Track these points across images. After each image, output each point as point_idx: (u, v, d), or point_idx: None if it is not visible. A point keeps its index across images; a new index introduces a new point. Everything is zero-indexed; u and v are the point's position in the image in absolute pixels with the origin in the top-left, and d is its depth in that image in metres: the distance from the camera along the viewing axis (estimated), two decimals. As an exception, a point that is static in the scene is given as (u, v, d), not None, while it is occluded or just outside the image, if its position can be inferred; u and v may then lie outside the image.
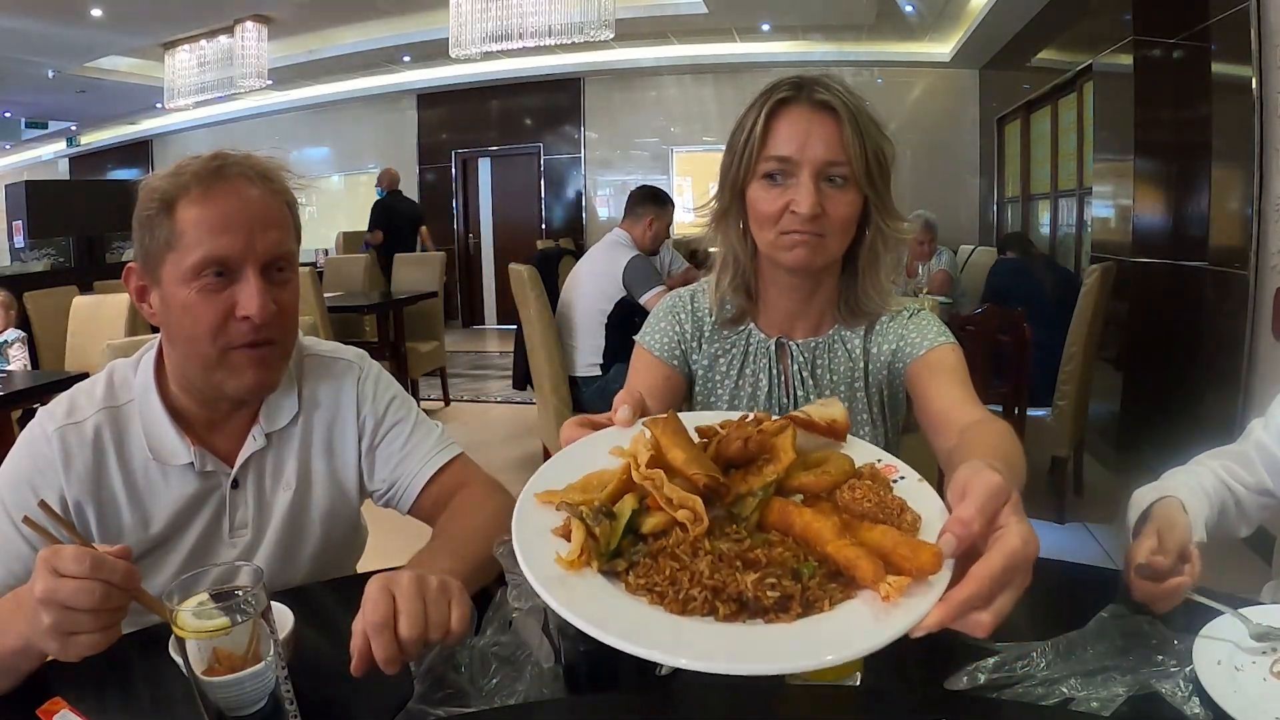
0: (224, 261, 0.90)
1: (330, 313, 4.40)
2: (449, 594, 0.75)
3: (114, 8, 6.20)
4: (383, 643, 0.69)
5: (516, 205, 9.30)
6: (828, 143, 0.99)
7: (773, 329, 1.14)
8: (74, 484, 0.94)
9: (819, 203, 0.98)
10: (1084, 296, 3.07)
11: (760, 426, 0.63)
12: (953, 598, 0.52)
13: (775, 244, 1.03)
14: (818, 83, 1.01)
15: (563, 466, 0.65)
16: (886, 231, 1.05)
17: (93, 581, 0.68)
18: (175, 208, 0.90)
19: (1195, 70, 3.28)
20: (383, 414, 1.10)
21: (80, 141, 11.31)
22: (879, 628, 0.50)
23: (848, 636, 0.50)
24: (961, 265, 5.05)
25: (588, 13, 5.71)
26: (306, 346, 1.10)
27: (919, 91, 7.94)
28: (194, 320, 0.92)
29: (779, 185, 1.01)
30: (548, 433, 3.22)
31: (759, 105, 1.02)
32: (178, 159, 0.95)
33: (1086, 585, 0.97)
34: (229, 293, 0.91)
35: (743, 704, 0.74)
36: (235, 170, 0.93)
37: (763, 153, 1.02)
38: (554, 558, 0.55)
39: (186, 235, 0.90)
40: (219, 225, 0.90)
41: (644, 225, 3.35)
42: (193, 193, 0.90)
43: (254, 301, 0.91)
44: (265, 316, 0.91)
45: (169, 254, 0.91)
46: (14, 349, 3.54)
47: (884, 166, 1.02)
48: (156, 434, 0.98)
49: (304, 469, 1.06)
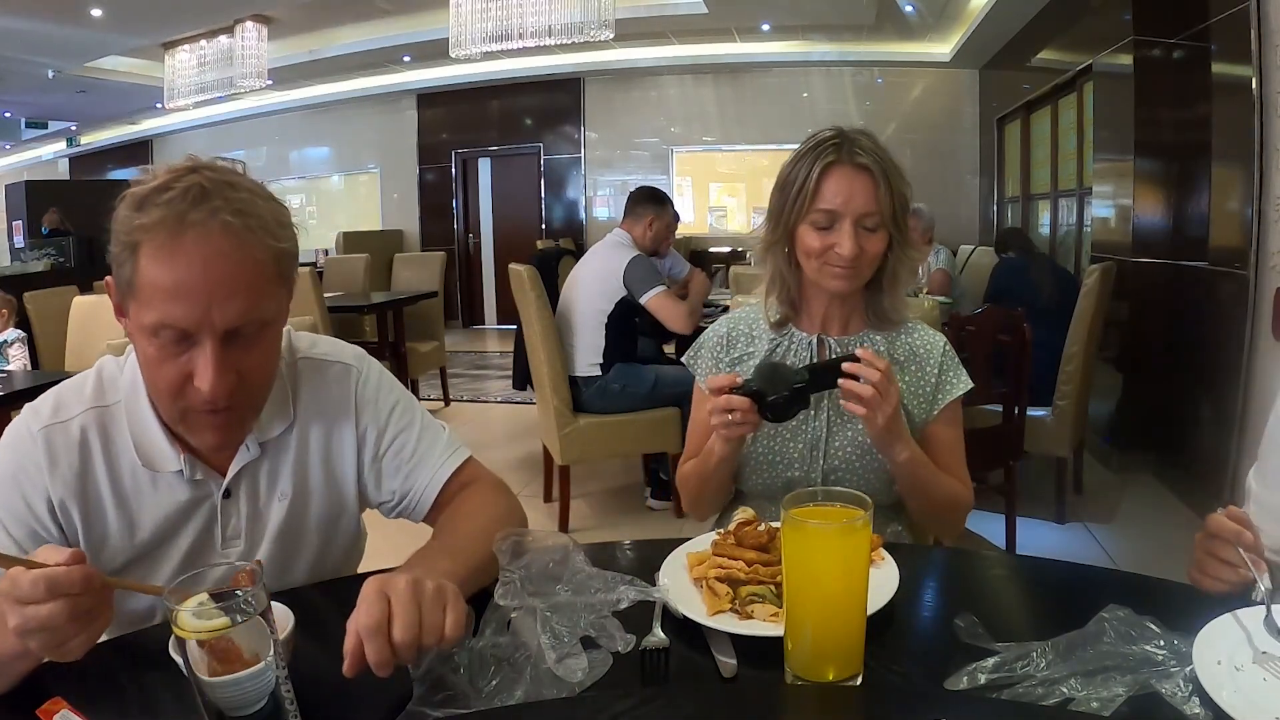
0: (179, 329, 0.82)
1: (330, 313, 4.40)
2: (444, 598, 0.74)
3: (114, 8, 6.20)
4: (376, 646, 0.69)
5: (516, 205, 9.30)
6: (865, 198, 1.22)
7: (812, 329, 1.36)
8: (59, 485, 0.91)
9: (858, 245, 1.22)
10: (1084, 296, 3.07)
11: (771, 529, 0.97)
12: None
13: (821, 272, 1.27)
14: (857, 145, 1.23)
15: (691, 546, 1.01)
16: (905, 257, 1.30)
17: (57, 601, 0.67)
18: (138, 254, 0.81)
19: (1195, 70, 3.28)
20: (385, 422, 1.05)
21: (80, 141, 11.31)
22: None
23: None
24: (961, 265, 5.05)
25: (588, 13, 5.70)
26: (302, 349, 1.04)
27: (919, 91, 7.94)
28: (153, 376, 0.87)
29: (824, 229, 1.24)
30: (548, 433, 3.22)
31: (809, 162, 1.24)
32: (174, 161, 0.87)
33: (1086, 585, 0.97)
34: (187, 358, 0.84)
35: (743, 703, 0.74)
36: (207, 217, 0.81)
37: (813, 205, 1.24)
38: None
39: (144, 291, 0.82)
40: (174, 292, 0.80)
41: (644, 225, 3.35)
42: (156, 241, 0.80)
43: (207, 376, 0.83)
44: (221, 391, 0.84)
45: (131, 300, 0.84)
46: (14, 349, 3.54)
47: (905, 208, 1.26)
48: (145, 439, 0.94)
49: (300, 478, 1.02)
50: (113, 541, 0.93)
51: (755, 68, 8.23)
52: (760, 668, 0.78)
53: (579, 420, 3.10)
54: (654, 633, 0.81)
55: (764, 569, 0.90)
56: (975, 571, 1.08)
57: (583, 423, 3.10)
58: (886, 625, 0.84)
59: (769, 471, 1.32)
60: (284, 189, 10.46)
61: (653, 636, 0.81)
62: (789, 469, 1.31)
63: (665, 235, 3.45)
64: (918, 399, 1.31)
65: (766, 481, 1.33)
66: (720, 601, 0.85)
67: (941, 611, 0.89)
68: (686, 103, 8.65)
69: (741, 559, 0.91)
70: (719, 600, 0.86)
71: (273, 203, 0.88)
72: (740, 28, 7.45)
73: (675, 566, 0.95)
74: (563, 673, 0.74)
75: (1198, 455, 3.27)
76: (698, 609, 0.85)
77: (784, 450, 1.31)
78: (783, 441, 1.31)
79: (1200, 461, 3.24)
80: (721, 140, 8.67)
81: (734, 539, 0.95)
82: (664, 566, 0.94)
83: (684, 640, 0.83)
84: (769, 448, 1.32)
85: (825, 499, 0.78)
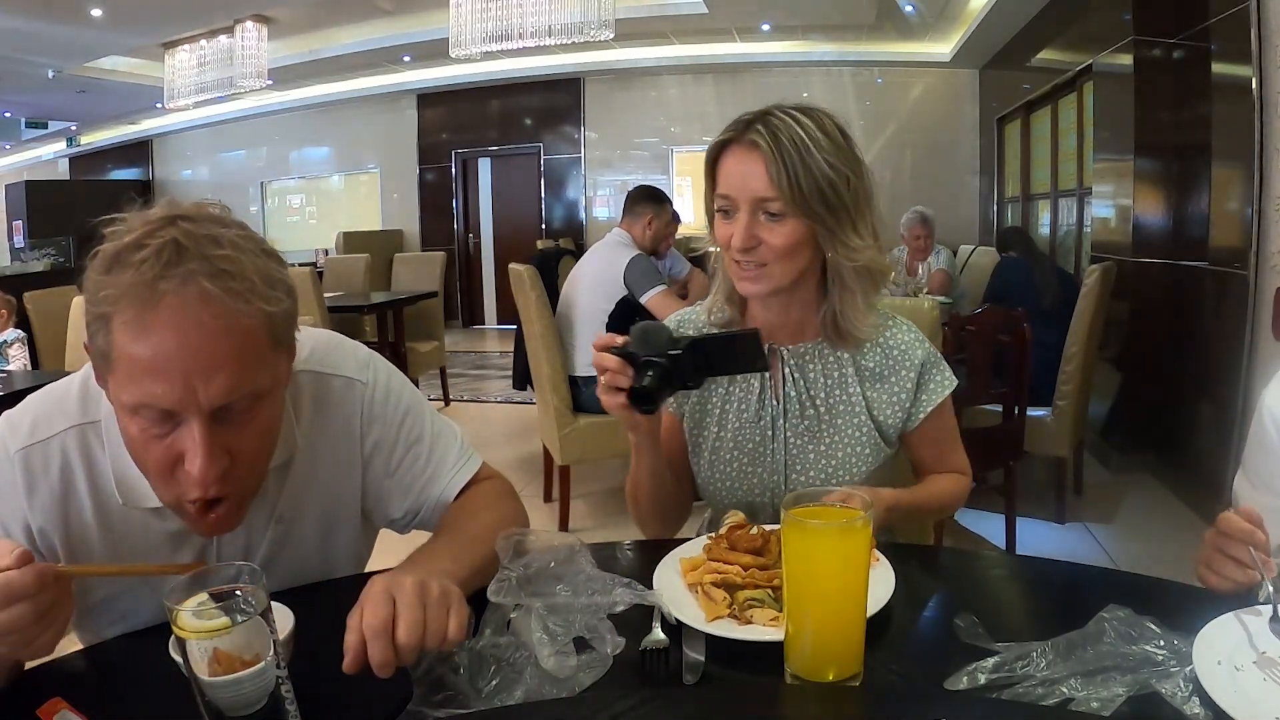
0: (159, 409, 0.74)
1: (330, 313, 4.41)
2: (449, 601, 0.74)
3: (114, 8, 6.20)
4: (380, 647, 0.69)
5: (516, 205, 9.30)
6: (759, 180, 1.05)
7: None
8: (38, 513, 0.84)
9: (754, 235, 1.07)
10: (1084, 297, 3.07)
11: (764, 532, 0.96)
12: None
13: (732, 271, 1.13)
14: (757, 121, 1.07)
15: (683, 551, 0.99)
16: (840, 255, 1.09)
17: (15, 606, 0.66)
18: (110, 326, 0.72)
19: (1195, 70, 3.28)
20: (395, 437, 0.99)
21: (80, 141, 11.29)
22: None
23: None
24: (961, 265, 5.04)
25: (588, 13, 5.70)
26: (300, 358, 0.91)
27: (919, 91, 7.94)
28: (141, 457, 0.79)
29: (729, 219, 1.10)
30: (548, 433, 3.22)
31: (711, 147, 1.11)
32: (151, 210, 0.75)
33: (1086, 585, 0.97)
34: (173, 439, 0.75)
35: (744, 703, 0.74)
36: (181, 284, 0.71)
37: (714, 191, 1.12)
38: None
39: (120, 366, 0.73)
40: (151, 369, 0.71)
41: (643, 224, 3.36)
42: (127, 314, 0.71)
43: (197, 460, 0.74)
44: (212, 476, 0.75)
45: (108, 373, 0.75)
46: (14, 349, 3.54)
47: (834, 193, 1.06)
48: (125, 472, 0.85)
49: (298, 503, 0.96)
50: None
51: (755, 68, 8.23)
52: (760, 668, 0.78)
53: (579, 420, 3.10)
54: (654, 633, 0.81)
55: (760, 573, 0.89)
56: (975, 571, 1.08)
57: (583, 423, 3.10)
58: (886, 625, 0.84)
59: (729, 496, 1.21)
60: (284, 189, 10.50)
61: (653, 637, 0.81)
62: (750, 494, 1.20)
63: (665, 234, 3.46)
64: (893, 408, 1.18)
65: (728, 504, 1.19)
66: (718, 607, 0.84)
67: (941, 611, 0.89)
68: (686, 103, 8.65)
69: (737, 563, 0.90)
70: (716, 606, 0.85)
71: (262, 258, 0.77)
72: (740, 28, 7.44)
73: (668, 572, 0.93)
74: (552, 668, 0.74)
75: (1198, 455, 3.27)
76: (695, 615, 0.84)
77: (741, 475, 1.20)
78: (740, 467, 1.20)
79: (1200, 461, 3.24)
80: (721, 140, 8.66)
81: (727, 543, 0.94)
82: (657, 572, 0.92)
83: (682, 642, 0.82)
84: (725, 473, 1.21)
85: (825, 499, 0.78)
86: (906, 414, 1.19)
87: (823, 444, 1.17)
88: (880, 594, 0.84)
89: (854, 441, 1.17)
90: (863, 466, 1.17)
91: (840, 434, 1.18)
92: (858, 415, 1.17)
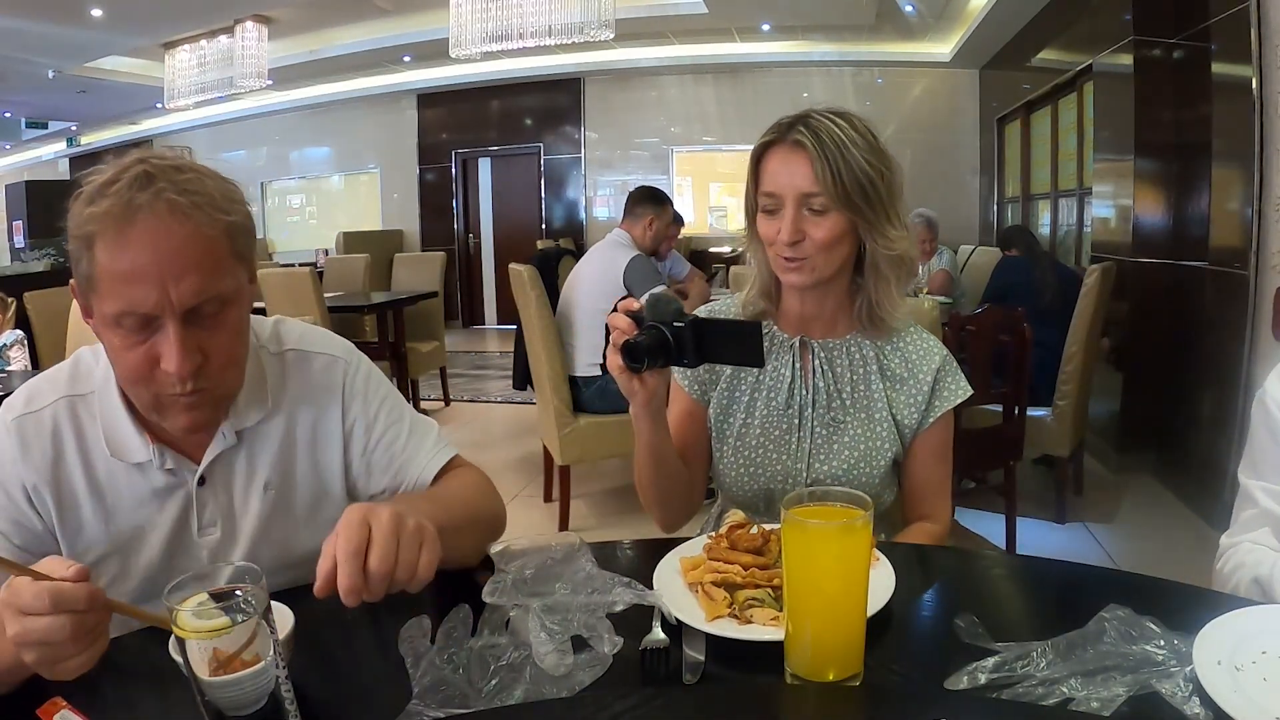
0: (139, 314, 0.83)
1: (330, 313, 4.41)
2: (422, 537, 0.76)
3: (114, 8, 6.20)
4: (350, 571, 0.71)
5: (516, 205, 9.30)
6: (804, 177, 1.13)
7: (791, 330, 1.27)
8: (31, 472, 0.91)
9: (800, 230, 1.14)
10: (1084, 296, 3.07)
11: (765, 531, 0.97)
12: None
13: (777, 265, 1.20)
14: (799, 123, 1.14)
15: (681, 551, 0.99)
16: (878, 245, 1.17)
17: (59, 616, 0.66)
18: (94, 246, 0.83)
19: (1195, 70, 3.29)
20: (374, 416, 1.06)
21: (80, 141, 11.31)
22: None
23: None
24: (962, 265, 5.05)
25: (588, 13, 5.71)
26: (291, 341, 1.05)
27: (919, 91, 7.95)
28: (122, 366, 0.88)
29: (771, 214, 1.17)
30: (548, 433, 3.22)
31: (755, 149, 1.19)
32: (115, 162, 0.87)
33: (1086, 585, 0.97)
34: (151, 344, 0.85)
35: (744, 703, 0.74)
36: (153, 202, 0.82)
37: (758, 190, 1.19)
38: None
39: (102, 283, 0.83)
40: (130, 276, 0.82)
41: (644, 225, 3.36)
42: (109, 232, 0.82)
43: (173, 357, 0.84)
44: (187, 371, 0.85)
45: (92, 294, 0.85)
46: (14, 351, 3.53)
47: (873, 188, 1.13)
48: (114, 430, 0.94)
49: (285, 469, 1.02)
50: (89, 530, 0.94)
51: (755, 68, 8.23)
52: (760, 668, 0.78)
53: (579, 420, 3.10)
54: (654, 632, 0.81)
55: (760, 572, 0.89)
56: (975, 571, 1.08)
57: (583, 423, 3.10)
58: (886, 625, 0.84)
59: (750, 483, 1.25)
60: (284, 189, 10.50)
61: (653, 636, 0.81)
62: (771, 481, 1.24)
63: (665, 235, 3.46)
64: (910, 409, 1.23)
65: (747, 491, 1.25)
66: (718, 607, 0.84)
67: (941, 611, 0.89)
68: (686, 103, 8.65)
69: (737, 562, 0.90)
70: (716, 605, 0.85)
71: (220, 180, 0.89)
72: (740, 28, 7.45)
73: (668, 571, 0.93)
74: (549, 666, 0.74)
75: (1198, 455, 3.27)
76: (695, 614, 0.84)
77: (765, 462, 1.24)
78: (765, 454, 1.24)
79: (1200, 461, 3.24)
80: (721, 140, 8.67)
81: (727, 542, 0.94)
82: (657, 571, 0.93)
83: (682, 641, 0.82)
84: (749, 459, 1.25)
85: (824, 499, 0.78)
86: (922, 415, 1.24)
87: (846, 435, 1.22)
88: (880, 594, 0.84)
89: (875, 437, 1.22)
90: (881, 462, 1.22)
91: (863, 428, 1.23)
92: (880, 411, 1.23)
